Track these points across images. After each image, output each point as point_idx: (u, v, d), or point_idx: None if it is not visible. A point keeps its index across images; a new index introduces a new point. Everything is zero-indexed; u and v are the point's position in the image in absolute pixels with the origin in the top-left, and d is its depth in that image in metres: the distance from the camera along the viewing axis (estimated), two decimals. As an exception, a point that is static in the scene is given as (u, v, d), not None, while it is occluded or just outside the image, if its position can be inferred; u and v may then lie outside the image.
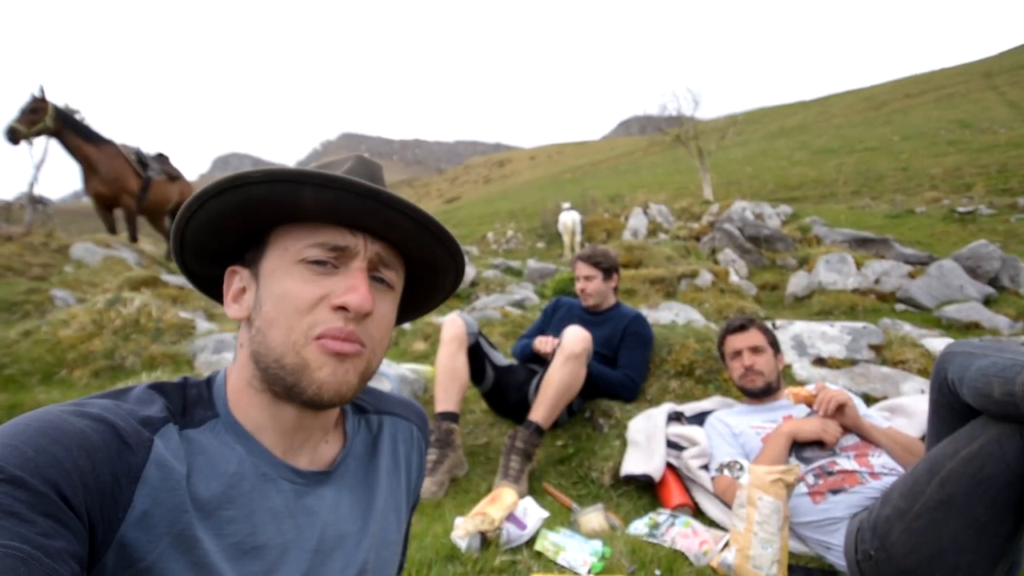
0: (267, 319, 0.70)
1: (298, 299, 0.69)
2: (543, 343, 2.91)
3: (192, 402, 0.72)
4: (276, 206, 0.69)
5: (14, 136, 7.46)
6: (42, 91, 7.53)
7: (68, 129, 7.75)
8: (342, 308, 0.69)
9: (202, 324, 4.75)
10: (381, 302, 0.75)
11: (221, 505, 0.66)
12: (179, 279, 6.41)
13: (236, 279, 0.77)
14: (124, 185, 8.29)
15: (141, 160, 8.63)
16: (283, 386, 0.69)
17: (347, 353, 0.70)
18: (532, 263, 10.44)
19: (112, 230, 8.80)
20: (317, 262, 0.70)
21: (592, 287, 3.20)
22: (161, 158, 9.34)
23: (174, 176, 9.36)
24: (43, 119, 7.42)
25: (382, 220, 0.71)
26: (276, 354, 0.69)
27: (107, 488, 0.55)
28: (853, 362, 3.16)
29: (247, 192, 0.68)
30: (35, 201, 9.47)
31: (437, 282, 0.87)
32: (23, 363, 3.91)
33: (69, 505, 0.51)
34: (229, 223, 0.72)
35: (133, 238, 8.85)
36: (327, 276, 0.70)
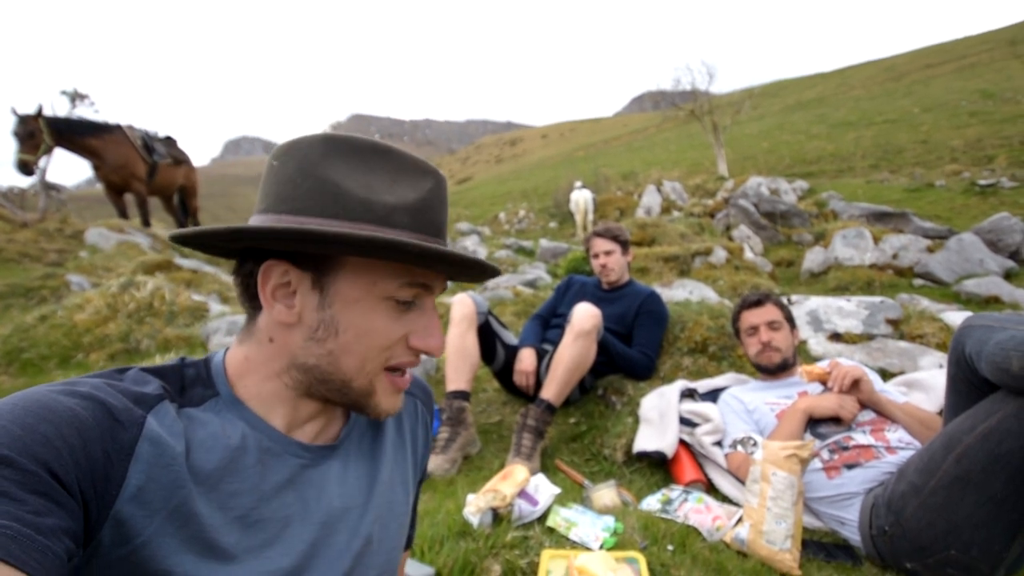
0: (345, 347, 0.71)
1: (384, 338, 0.72)
2: (521, 375, 2.82)
3: (191, 382, 0.71)
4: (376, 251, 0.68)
5: (27, 168, 7.62)
6: (39, 109, 7.58)
7: (67, 134, 7.83)
8: (420, 350, 0.75)
9: (215, 307, 4.79)
10: None
11: (223, 478, 0.66)
12: (192, 263, 6.45)
13: (281, 274, 0.70)
14: (132, 171, 8.37)
15: (147, 145, 8.68)
16: (346, 401, 0.75)
17: (406, 386, 0.79)
18: (544, 243, 10.39)
19: (123, 215, 8.90)
20: (404, 302, 0.73)
21: (613, 261, 3.16)
22: (169, 141, 9.39)
23: (180, 160, 9.43)
24: (42, 139, 7.55)
25: (463, 275, 0.77)
26: (346, 377, 0.72)
27: (99, 465, 0.55)
28: (870, 337, 3.11)
29: (346, 240, 0.65)
30: (49, 188, 9.57)
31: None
32: (40, 347, 3.97)
33: (60, 482, 0.51)
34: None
35: (146, 222, 8.93)
36: (407, 313, 0.74)
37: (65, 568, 0.49)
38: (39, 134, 7.54)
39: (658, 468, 2.43)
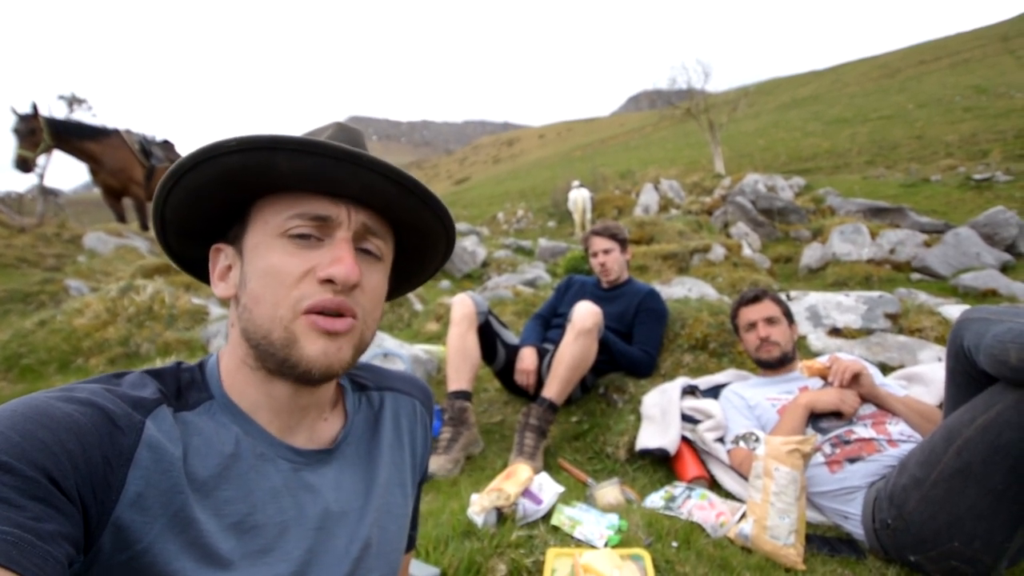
0: (253, 296, 0.69)
1: (283, 274, 0.68)
2: (523, 374, 2.83)
3: (186, 385, 0.71)
4: (254, 176, 0.67)
5: (26, 165, 7.61)
6: (34, 108, 7.59)
7: (65, 136, 7.82)
8: (328, 281, 0.68)
9: (215, 310, 4.78)
10: (370, 273, 0.74)
11: (218, 485, 0.66)
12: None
13: (221, 257, 0.75)
14: (130, 175, 8.36)
15: (144, 148, 8.67)
16: (274, 361, 0.69)
17: (339, 331, 0.69)
18: (543, 242, 10.39)
19: (121, 219, 8.89)
20: (300, 236, 0.69)
21: (611, 259, 3.17)
22: (166, 145, 9.37)
23: None
24: (42, 138, 7.55)
25: (363, 185, 0.69)
26: (264, 330, 0.68)
27: (98, 471, 0.54)
28: (869, 331, 3.13)
29: (223, 162, 0.66)
30: (46, 193, 9.55)
31: (428, 251, 0.85)
32: (40, 352, 3.96)
33: (59, 488, 0.50)
34: (208, 197, 0.70)
35: (144, 226, 8.92)
36: (311, 249, 0.69)
37: (66, 573, 0.48)
38: (39, 132, 7.53)
39: (661, 465, 2.44)
